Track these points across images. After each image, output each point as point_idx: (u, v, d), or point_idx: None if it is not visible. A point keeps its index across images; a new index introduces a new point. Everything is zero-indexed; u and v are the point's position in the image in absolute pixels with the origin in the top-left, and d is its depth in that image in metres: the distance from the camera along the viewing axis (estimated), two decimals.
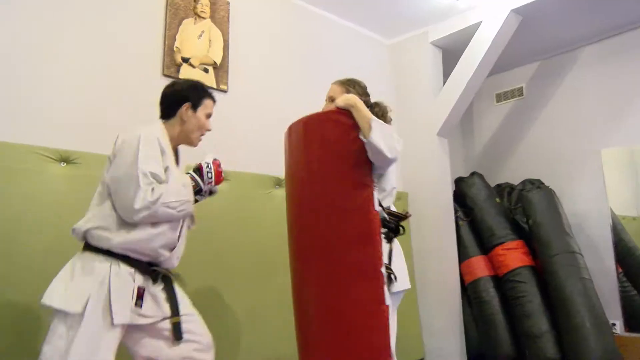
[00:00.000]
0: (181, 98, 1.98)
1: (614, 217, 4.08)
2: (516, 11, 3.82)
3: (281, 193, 3.15)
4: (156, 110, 2.78)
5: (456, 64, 4.07)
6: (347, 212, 1.79)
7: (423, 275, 4.00)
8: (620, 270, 3.99)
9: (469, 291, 3.86)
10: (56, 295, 1.68)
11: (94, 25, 2.67)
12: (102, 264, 1.73)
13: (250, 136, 3.24)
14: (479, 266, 3.83)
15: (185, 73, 2.98)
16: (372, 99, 2.19)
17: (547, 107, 4.65)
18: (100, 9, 2.71)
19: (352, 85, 2.25)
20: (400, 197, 4.11)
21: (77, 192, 2.39)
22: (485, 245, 3.90)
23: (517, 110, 4.89)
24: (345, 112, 1.91)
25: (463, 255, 3.95)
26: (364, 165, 1.85)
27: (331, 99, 2.20)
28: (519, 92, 4.86)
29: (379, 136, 1.83)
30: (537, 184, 3.97)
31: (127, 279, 1.75)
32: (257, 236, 3.02)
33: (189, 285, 2.51)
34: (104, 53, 2.68)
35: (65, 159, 2.40)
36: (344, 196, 1.80)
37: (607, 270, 3.99)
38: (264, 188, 3.14)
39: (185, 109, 1.97)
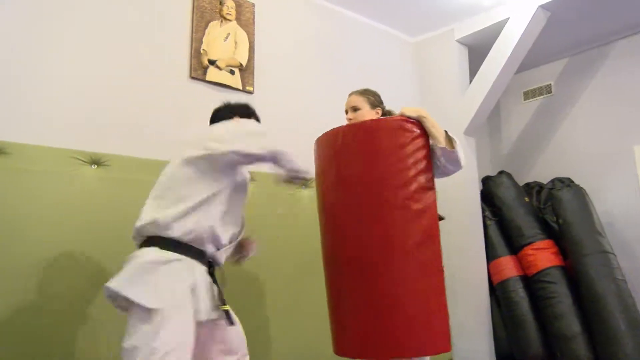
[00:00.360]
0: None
1: None
2: (544, 7, 3.75)
3: (308, 194, 3.16)
4: (184, 113, 2.85)
5: (482, 61, 4.02)
6: (417, 214, 1.94)
7: (450, 275, 3.90)
8: None
9: (498, 291, 3.81)
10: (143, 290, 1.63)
11: (121, 29, 2.72)
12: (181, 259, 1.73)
13: (277, 137, 3.25)
14: (508, 266, 3.77)
15: (212, 75, 3.02)
16: (398, 98, 2.22)
17: (576, 104, 4.55)
18: (128, 13, 2.76)
19: (370, 94, 2.35)
20: None
21: (108, 194, 2.45)
22: (514, 245, 3.84)
23: (545, 107, 4.80)
24: (413, 121, 2.04)
25: (491, 255, 3.90)
26: (430, 170, 2.03)
27: (354, 109, 2.29)
28: (547, 89, 4.77)
29: (460, 148, 2.06)
30: (567, 183, 3.89)
31: (205, 275, 1.78)
32: (288, 236, 3.04)
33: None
34: (132, 57, 2.73)
35: (96, 161, 2.45)
36: (415, 199, 1.94)
37: None
38: (291, 189, 3.15)
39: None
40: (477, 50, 4.27)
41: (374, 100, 2.33)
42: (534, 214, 3.88)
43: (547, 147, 4.71)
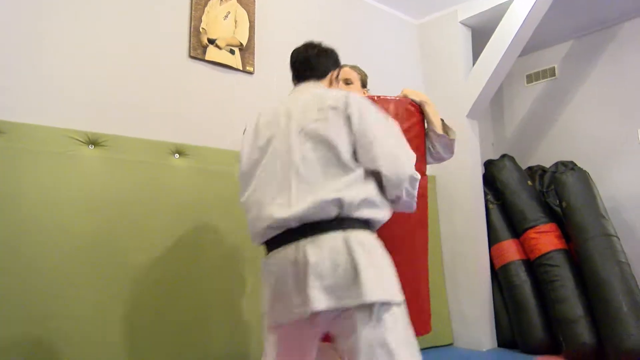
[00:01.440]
0: (336, 62, 1.85)
1: None
2: None
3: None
4: (183, 92, 2.79)
5: (486, 43, 3.95)
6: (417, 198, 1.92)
7: (452, 260, 3.94)
8: None
9: (500, 276, 3.78)
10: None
11: (120, 7, 2.66)
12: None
13: None
14: (510, 250, 3.74)
15: (212, 54, 2.96)
16: (401, 80, 2.19)
17: (581, 88, 4.49)
18: None
19: (362, 73, 2.28)
20: (429, 180, 4.03)
21: (106, 174, 2.41)
22: (517, 229, 3.80)
23: (549, 91, 4.74)
24: (416, 105, 2.04)
25: (493, 239, 3.87)
26: (424, 156, 2.04)
27: (347, 82, 2.19)
28: (551, 72, 4.71)
29: (455, 136, 2.04)
30: (570, 166, 3.84)
31: None
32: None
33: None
34: (130, 35, 2.68)
35: (94, 141, 2.41)
36: None
37: None
38: None
39: (335, 74, 1.83)
40: (480, 32, 4.20)
41: (364, 79, 2.26)
42: (536, 198, 3.84)
43: (550, 131, 4.67)
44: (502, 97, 5.10)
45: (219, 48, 3.00)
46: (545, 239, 3.59)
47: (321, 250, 1.37)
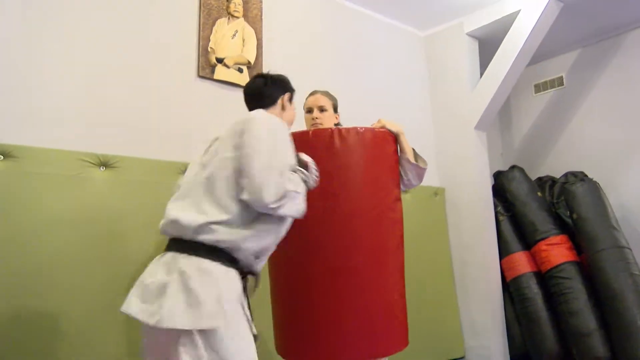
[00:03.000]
0: (284, 88, 1.92)
1: None
2: None
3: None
4: (193, 112, 2.82)
5: (493, 55, 3.96)
6: (394, 222, 2.08)
7: (463, 272, 3.92)
8: None
9: (511, 288, 3.76)
10: None
11: (128, 28, 2.69)
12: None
13: None
14: (521, 262, 3.73)
15: (220, 73, 2.99)
16: (408, 93, 2.25)
17: (589, 97, 4.47)
18: (134, 12, 2.73)
19: (333, 98, 2.34)
20: (437, 192, 4.04)
21: (118, 196, 2.43)
22: (528, 241, 3.79)
23: (557, 100, 4.73)
24: (392, 135, 2.13)
25: (504, 251, 3.85)
26: (399, 183, 2.18)
27: (321, 109, 2.24)
28: (559, 81, 4.69)
29: (425, 165, 2.18)
30: (580, 177, 3.83)
31: None
32: None
33: None
34: (139, 56, 2.71)
35: (105, 163, 2.43)
36: (393, 208, 2.07)
37: None
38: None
39: (287, 98, 1.91)
40: (487, 44, 4.20)
41: (336, 105, 2.32)
42: (547, 209, 3.82)
43: (559, 141, 4.65)
44: (510, 107, 5.09)
45: (227, 67, 3.03)
46: (557, 251, 3.57)
47: None
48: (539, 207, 3.78)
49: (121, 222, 2.42)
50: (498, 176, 4.15)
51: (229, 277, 1.51)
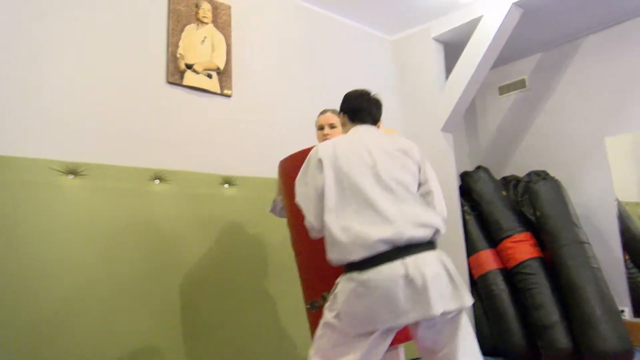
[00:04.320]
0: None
1: (620, 205, 4.11)
2: (518, 4, 3.82)
3: None
4: (162, 118, 2.83)
5: (458, 58, 4.08)
6: None
7: None
8: (627, 257, 4.02)
9: (479, 285, 3.88)
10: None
11: (96, 34, 2.69)
12: None
13: (256, 141, 3.26)
14: (488, 260, 3.84)
15: (189, 79, 3.01)
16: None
17: (550, 98, 4.65)
18: (103, 19, 2.73)
19: (338, 114, 2.48)
20: None
21: (87, 203, 2.43)
22: (493, 239, 3.91)
23: (520, 102, 4.89)
24: None
25: (471, 249, 3.97)
26: None
27: (332, 126, 2.45)
28: (522, 84, 4.86)
29: None
30: (542, 175, 3.97)
31: None
32: (268, 239, 3.06)
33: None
34: (108, 62, 2.71)
35: (73, 170, 2.43)
36: None
37: (615, 258, 4.02)
38: (273, 192, 3.17)
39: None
40: (453, 48, 4.33)
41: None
42: (511, 208, 3.96)
43: (522, 141, 4.81)
44: (476, 109, 5.23)
45: (197, 73, 3.05)
46: (521, 247, 3.70)
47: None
48: (504, 206, 3.91)
49: (92, 228, 2.42)
50: (464, 177, 4.27)
51: None
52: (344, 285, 1.67)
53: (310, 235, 1.80)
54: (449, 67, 4.22)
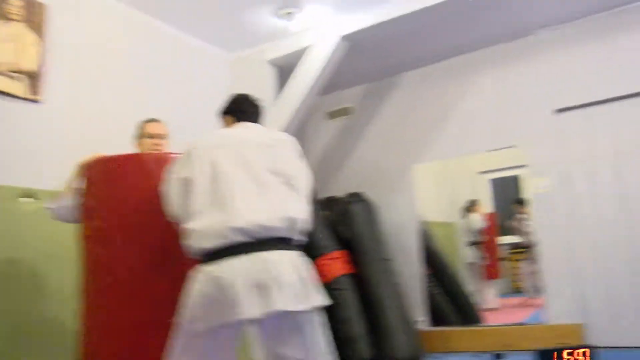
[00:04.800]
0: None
1: (425, 225, 4.66)
2: (345, 38, 4.11)
3: None
4: None
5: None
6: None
7: None
8: (429, 272, 4.56)
9: None
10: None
11: None
12: None
13: (67, 152, 3.06)
14: None
15: None
16: (213, 114, 2.35)
17: (371, 126, 5.10)
18: None
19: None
20: None
21: None
22: (312, 256, 4.12)
23: (346, 128, 5.28)
24: None
25: None
26: None
27: (162, 137, 2.47)
28: (349, 111, 5.26)
29: None
30: (358, 197, 4.34)
31: None
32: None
33: None
34: None
35: None
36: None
37: (416, 273, 4.51)
38: None
39: None
40: (287, 72, 4.51)
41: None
42: (330, 226, 4.23)
43: (345, 164, 5.20)
44: (307, 133, 5.47)
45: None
46: (336, 265, 3.96)
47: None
48: (322, 225, 4.17)
49: None
50: None
51: None
52: (193, 279, 1.68)
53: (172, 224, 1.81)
54: None
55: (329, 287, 3.93)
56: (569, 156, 4.03)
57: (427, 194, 4.79)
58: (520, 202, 4.86)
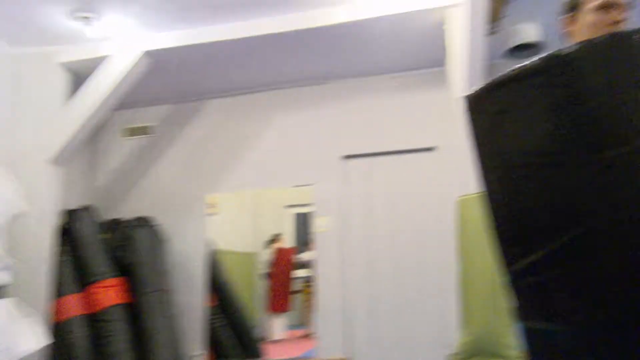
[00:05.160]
0: None
1: (217, 255, 4.60)
2: (149, 54, 3.93)
3: None
4: None
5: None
6: None
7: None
8: (215, 303, 4.48)
9: (56, 333, 3.63)
10: None
11: None
12: None
13: None
14: (70, 305, 3.65)
15: None
16: None
17: (169, 149, 4.91)
18: None
19: None
20: None
21: None
22: (84, 283, 3.77)
23: (144, 148, 4.99)
24: None
25: (57, 293, 3.71)
26: None
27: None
28: (148, 130, 4.98)
29: None
30: (145, 222, 4.10)
31: None
32: None
33: None
34: None
35: None
36: None
37: (198, 304, 4.38)
38: None
39: None
40: (82, 78, 4.13)
41: None
42: (109, 251, 3.92)
43: (138, 186, 4.90)
44: (99, 147, 5.06)
45: None
46: (109, 293, 3.67)
47: None
48: (99, 249, 3.85)
49: None
50: (67, 215, 4.04)
51: None
52: None
53: None
54: None
55: (98, 317, 3.62)
56: (350, 199, 4.39)
57: (231, 224, 4.77)
58: (313, 238, 5.13)
